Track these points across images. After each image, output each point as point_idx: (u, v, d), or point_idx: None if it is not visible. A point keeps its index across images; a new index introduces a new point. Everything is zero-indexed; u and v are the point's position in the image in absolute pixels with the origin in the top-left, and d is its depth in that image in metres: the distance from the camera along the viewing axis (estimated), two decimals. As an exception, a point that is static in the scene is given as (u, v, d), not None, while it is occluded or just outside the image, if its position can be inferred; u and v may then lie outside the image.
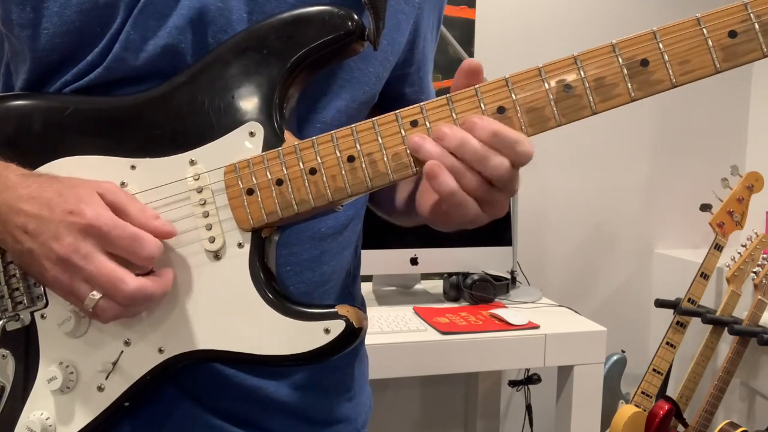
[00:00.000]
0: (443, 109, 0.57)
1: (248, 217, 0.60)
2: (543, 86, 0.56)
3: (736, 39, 0.53)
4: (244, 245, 0.61)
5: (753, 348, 2.02)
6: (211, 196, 0.61)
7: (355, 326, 0.59)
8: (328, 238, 0.71)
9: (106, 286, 0.55)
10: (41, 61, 0.63)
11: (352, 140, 0.58)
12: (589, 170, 2.43)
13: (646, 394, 2.02)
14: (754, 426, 2.17)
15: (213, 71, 0.61)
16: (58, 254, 0.55)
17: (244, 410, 0.68)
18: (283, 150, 0.60)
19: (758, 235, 2.09)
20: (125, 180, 0.62)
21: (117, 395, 0.61)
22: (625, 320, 2.47)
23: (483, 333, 1.65)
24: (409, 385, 2.32)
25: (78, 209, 0.56)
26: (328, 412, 0.74)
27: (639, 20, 2.40)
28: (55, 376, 0.61)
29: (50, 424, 0.62)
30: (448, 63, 2.20)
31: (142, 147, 0.62)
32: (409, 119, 0.58)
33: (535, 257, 2.35)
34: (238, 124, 0.61)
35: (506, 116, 0.56)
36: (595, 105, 0.56)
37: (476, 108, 0.56)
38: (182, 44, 0.62)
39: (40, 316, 0.63)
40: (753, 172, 2.13)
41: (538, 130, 0.57)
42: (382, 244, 1.90)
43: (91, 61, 0.62)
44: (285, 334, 0.60)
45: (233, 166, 0.60)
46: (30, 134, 0.63)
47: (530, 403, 2.25)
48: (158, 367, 0.61)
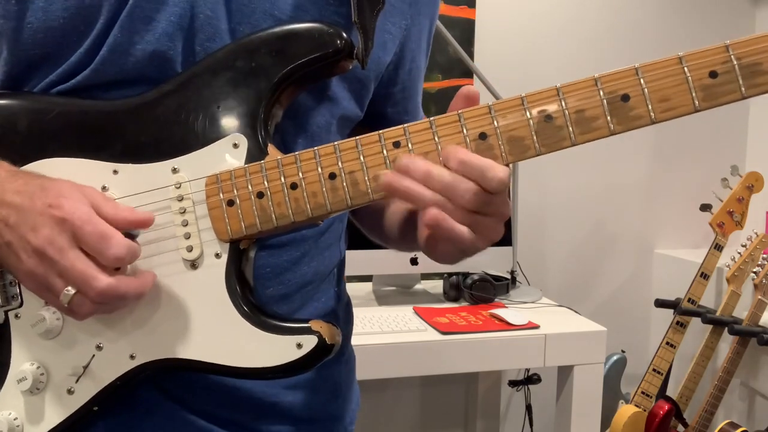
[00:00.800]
0: (426, 132, 0.58)
1: (227, 229, 0.60)
2: (525, 115, 0.57)
3: (717, 80, 0.54)
4: (221, 256, 0.61)
5: (753, 348, 2.02)
6: (192, 205, 0.61)
7: (327, 342, 0.59)
8: (309, 239, 0.71)
9: (78, 282, 0.55)
10: (22, 55, 0.63)
11: (335, 158, 0.59)
12: (589, 170, 2.43)
13: (646, 394, 2.02)
14: (754, 426, 2.17)
15: (201, 81, 0.61)
16: (34, 245, 0.55)
17: (228, 411, 0.68)
18: (265, 164, 0.60)
19: (758, 235, 2.09)
20: (107, 184, 0.62)
21: (86, 399, 0.61)
22: (625, 320, 2.47)
23: (483, 333, 1.65)
24: (409, 385, 2.32)
25: (57, 202, 0.56)
26: (316, 411, 0.74)
27: (638, 20, 2.40)
28: (26, 377, 0.61)
29: (18, 425, 0.62)
30: (448, 63, 2.20)
31: (126, 152, 0.62)
32: (392, 140, 0.58)
33: (535, 257, 2.35)
34: (222, 135, 0.61)
35: (488, 143, 0.57)
36: (575, 136, 0.56)
37: (458, 133, 0.57)
38: (171, 51, 0.62)
39: (14, 316, 0.63)
40: (753, 172, 2.13)
41: (518, 158, 0.58)
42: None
43: (77, 62, 0.62)
44: (257, 347, 0.60)
45: (215, 177, 0.60)
46: (15, 133, 0.63)
47: (530, 403, 2.25)
48: (129, 373, 0.61)
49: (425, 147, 0.57)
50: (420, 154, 0.57)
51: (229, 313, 0.60)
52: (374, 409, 2.27)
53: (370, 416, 2.27)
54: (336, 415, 0.77)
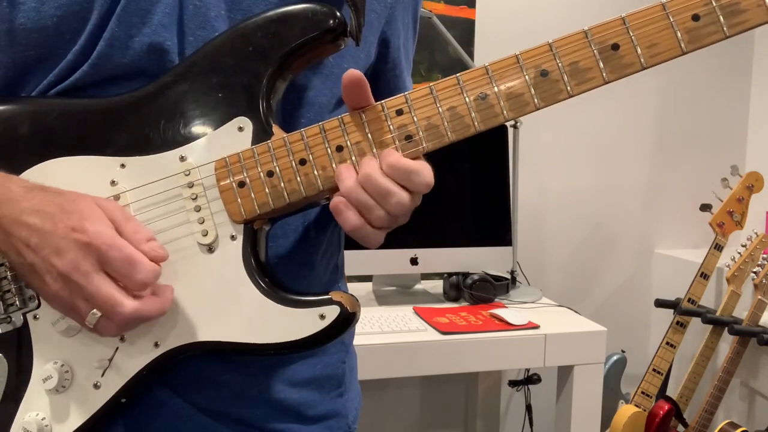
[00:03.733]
0: (427, 98, 0.60)
1: (240, 210, 0.61)
2: (521, 72, 0.59)
3: (699, 22, 0.57)
4: (236, 237, 0.62)
5: (753, 348, 2.02)
6: (203, 190, 0.62)
7: (349, 311, 0.60)
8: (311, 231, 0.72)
9: (103, 307, 0.56)
10: (17, 58, 0.63)
11: (340, 131, 0.60)
12: (589, 170, 2.43)
13: (646, 394, 2.03)
14: (754, 426, 2.17)
15: (200, 69, 0.62)
16: (59, 270, 0.56)
17: (236, 409, 0.68)
18: (272, 143, 0.61)
19: (758, 235, 2.09)
20: (115, 179, 0.62)
21: (113, 392, 0.62)
22: (625, 320, 2.47)
23: (483, 333, 1.65)
24: (409, 385, 2.32)
25: (80, 226, 0.56)
26: (320, 408, 0.74)
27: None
28: (51, 375, 0.61)
29: (46, 424, 0.62)
30: (448, 63, 2.20)
31: (132, 145, 0.62)
32: (395, 108, 0.60)
33: (535, 257, 2.35)
34: (226, 120, 0.62)
35: (487, 102, 0.59)
36: (571, 88, 0.59)
37: (459, 95, 0.59)
38: (168, 42, 0.62)
39: (33, 317, 0.63)
40: (753, 172, 2.13)
41: (518, 113, 0.60)
42: (382, 244, 1.89)
43: (74, 60, 0.62)
44: (281, 322, 0.60)
45: (224, 160, 0.61)
46: (18, 138, 0.63)
47: (530, 403, 2.25)
48: (154, 361, 0.61)
49: (427, 112, 0.59)
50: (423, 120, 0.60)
51: (249, 293, 0.61)
52: (374, 409, 2.27)
53: (370, 416, 2.27)
54: (341, 412, 0.77)
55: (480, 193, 2.02)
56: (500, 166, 2.01)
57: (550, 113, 2.81)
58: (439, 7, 2.17)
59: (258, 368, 0.69)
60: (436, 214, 1.96)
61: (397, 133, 0.60)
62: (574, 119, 2.38)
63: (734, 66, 2.53)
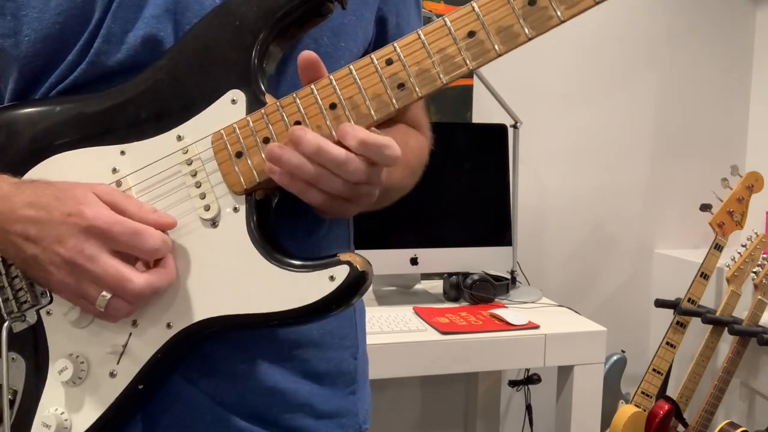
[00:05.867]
0: (416, 44, 0.59)
1: (240, 180, 0.61)
2: (508, 5, 0.58)
3: None
4: (239, 209, 0.62)
5: (753, 348, 2.02)
6: (201, 165, 0.62)
7: (359, 269, 0.59)
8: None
9: (113, 286, 0.56)
10: (26, 67, 0.64)
11: (331, 88, 0.60)
12: (589, 170, 2.43)
13: (646, 394, 2.02)
14: (754, 426, 2.17)
15: (189, 49, 0.63)
16: (63, 257, 0.56)
17: (251, 401, 0.68)
18: (265, 110, 0.61)
19: (758, 235, 2.09)
20: (116, 166, 0.63)
21: (130, 379, 0.62)
22: (625, 320, 2.47)
23: (483, 333, 1.65)
24: (409, 385, 2.31)
25: (77, 210, 0.56)
26: (332, 403, 0.74)
27: (639, 21, 2.40)
28: (66, 366, 0.62)
29: (65, 418, 0.62)
30: (448, 63, 2.20)
31: (129, 132, 0.63)
32: (384, 58, 0.59)
33: (535, 257, 2.35)
34: (219, 95, 0.62)
35: (477, 39, 0.58)
36: (561, 13, 0.57)
37: (447, 36, 0.58)
38: (161, 33, 0.63)
39: (46, 313, 0.63)
40: (753, 172, 2.13)
41: (509, 46, 0.58)
42: (382, 244, 1.90)
43: (73, 59, 0.63)
44: (292, 288, 0.60)
45: (219, 133, 0.62)
46: (18, 142, 0.63)
47: (530, 403, 2.25)
48: (168, 343, 0.61)
49: (417, 57, 0.59)
50: (414, 66, 0.59)
51: (257, 262, 0.61)
52: (374, 409, 2.27)
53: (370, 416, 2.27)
54: (351, 410, 0.77)
55: (480, 193, 2.02)
56: (500, 166, 2.01)
57: (550, 113, 2.81)
58: (439, 7, 2.17)
59: (275, 357, 0.69)
60: (436, 214, 1.96)
61: (389, 82, 0.59)
62: (574, 119, 2.38)
63: (734, 66, 2.53)
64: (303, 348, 0.71)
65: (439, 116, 2.21)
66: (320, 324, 0.72)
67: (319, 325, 0.72)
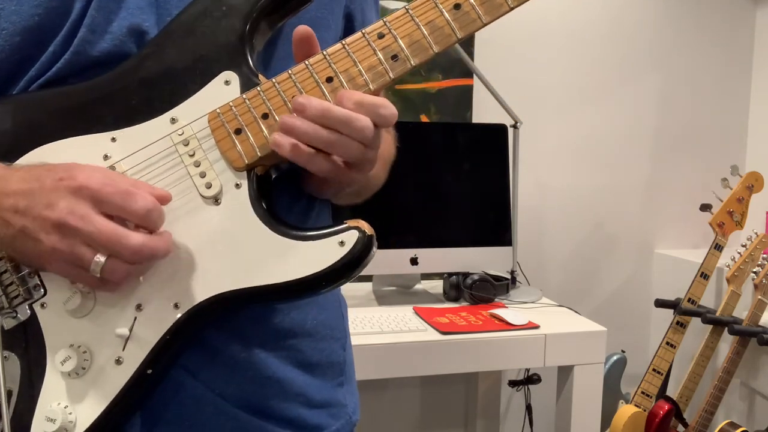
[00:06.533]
0: (405, 17, 0.61)
1: (241, 155, 0.61)
2: None
3: None
4: (241, 185, 0.62)
5: (753, 348, 2.02)
6: (198, 144, 0.62)
7: (367, 233, 0.60)
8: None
9: (109, 244, 0.54)
10: (3, 62, 0.63)
11: (326, 63, 0.61)
12: (589, 170, 2.43)
13: (646, 394, 2.02)
14: (754, 426, 2.17)
15: (178, 35, 0.63)
16: (53, 220, 0.54)
17: (251, 392, 0.68)
18: (261, 87, 0.62)
19: (758, 235, 2.09)
20: (108, 153, 0.62)
21: (137, 364, 0.60)
22: (625, 320, 2.47)
23: (483, 333, 1.65)
24: (409, 385, 2.31)
25: (68, 174, 0.55)
26: (324, 394, 0.75)
27: (639, 20, 2.40)
28: (69, 356, 0.60)
29: (69, 412, 0.60)
30: (448, 63, 2.20)
31: (120, 119, 0.62)
32: (376, 32, 0.62)
33: (535, 257, 2.35)
34: (212, 77, 0.63)
35: (462, 10, 0.61)
36: None
37: (434, 8, 0.61)
38: (146, 23, 0.63)
39: (40, 306, 0.61)
40: (753, 172, 2.13)
41: (493, 16, 0.62)
42: (382, 244, 1.88)
43: (55, 50, 0.62)
44: (302, 257, 0.60)
45: (215, 112, 0.62)
46: (5, 131, 0.63)
47: (530, 403, 2.25)
48: (176, 324, 0.60)
49: (407, 30, 0.61)
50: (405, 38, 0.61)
51: (264, 235, 0.61)
52: (374, 409, 2.27)
53: (370, 416, 2.27)
54: (341, 401, 0.78)
55: (480, 193, 2.02)
56: (500, 166, 2.01)
57: (550, 113, 2.81)
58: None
59: (272, 346, 0.69)
60: (436, 214, 1.96)
61: (383, 54, 0.61)
62: (574, 119, 2.38)
63: (734, 66, 2.53)
64: (298, 338, 0.72)
65: (439, 116, 2.21)
66: (313, 314, 0.73)
67: (312, 315, 0.73)
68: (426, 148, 1.99)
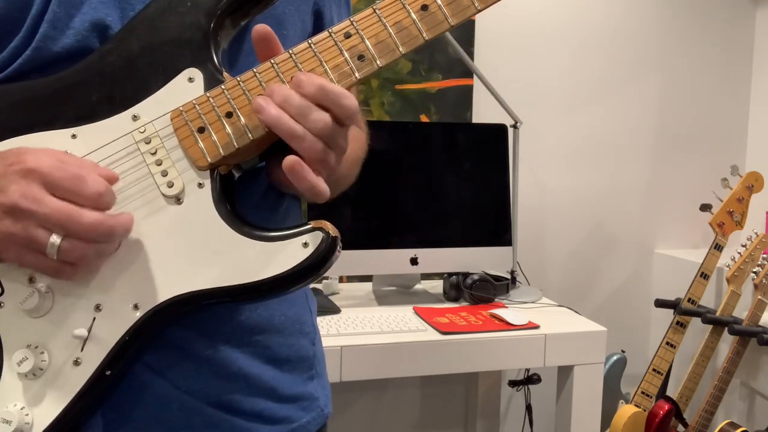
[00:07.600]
0: (371, 17, 0.61)
1: (204, 154, 0.61)
2: None
3: None
4: (204, 184, 0.61)
5: (753, 348, 2.02)
6: (160, 142, 0.61)
7: (331, 235, 0.59)
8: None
9: (64, 222, 0.53)
10: None
11: (292, 62, 0.61)
12: (589, 170, 2.43)
13: (646, 394, 2.03)
14: (754, 426, 2.17)
15: (142, 31, 0.62)
16: (6, 205, 0.53)
17: (217, 388, 0.68)
18: (226, 85, 0.61)
19: (758, 235, 2.09)
20: (68, 149, 0.61)
21: (96, 365, 0.59)
22: (625, 320, 2.47)
23: (483, 333, 1.66)
24: (409, 385, 2.32)
25: (17, 159, 0.55)
26: (294, 388, 0.75)
27: (638, 20, 2.40)
28: (26, 357, 0.58)
29: (26, 413, 0.59)
30: (448, 63, 2.20)
31: (80, 115, 0.61)
32: (343, 32, 0.61)
33: (535, 257, 2.35)
34: (175, 74, 0.62)
35: (429, 11, 0.61)
36: None
37: (401, 9, 0.61)
38: (109, 18, 0.62)
39: None
40: (753, 172, 2.13)
41: (460, 18, 0.61)
42: (382, 244, 1.90)
43: (15, 46, 0.61)
44: (265, 258, 0.59)
45: (178, 110, 0.61)
46: None
47: (530, 403, 2.25)
48: (136, 325, 0.59)
49: (374, 30, 0.61)
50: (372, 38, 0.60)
51: (227, 235, 0.60)
52: (374, 409, 2.27)
53: (370, 416, 2.27)
54: (312, 394, 0.78)
55: (480, 193, 2.02)
56: (500, 166, 2.01)
57: (550, 113, 2.82)
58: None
59: (238, 342, 0.69)
60: (436, 214, 1.96)
61: (349, 54, 0.60)
62: (574, 119, 2.38)
63: (734, 66, 2.53)
64: (265, 334, 0.72)
65: (439, 116, 2.21)
66: (281, 310, 0.73)
67: (280, 311, 0.73)
68: (426, 148, 1.99)
